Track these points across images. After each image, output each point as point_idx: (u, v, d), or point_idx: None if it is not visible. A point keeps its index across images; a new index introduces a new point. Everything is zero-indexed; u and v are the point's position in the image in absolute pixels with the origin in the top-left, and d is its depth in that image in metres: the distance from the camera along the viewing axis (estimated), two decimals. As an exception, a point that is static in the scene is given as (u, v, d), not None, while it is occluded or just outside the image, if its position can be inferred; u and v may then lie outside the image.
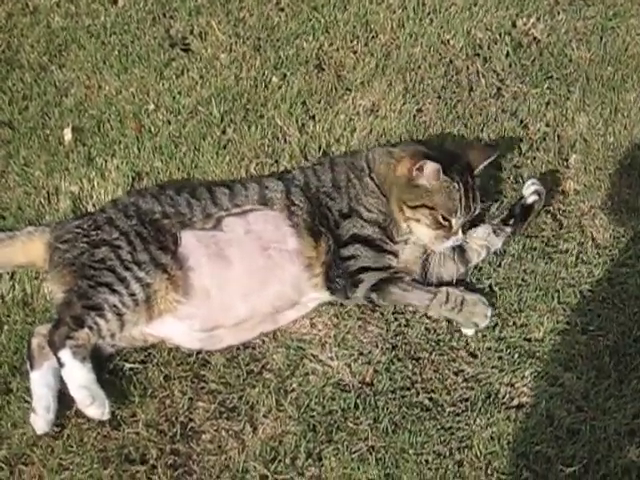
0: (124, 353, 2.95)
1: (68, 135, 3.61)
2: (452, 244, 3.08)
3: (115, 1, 4.17)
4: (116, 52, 3.93)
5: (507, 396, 2.88)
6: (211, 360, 2.96)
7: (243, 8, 4.10)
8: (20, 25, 4.11)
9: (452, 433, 2.79)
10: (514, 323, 3.05)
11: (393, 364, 2.95)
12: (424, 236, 3.09)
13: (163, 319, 2.92)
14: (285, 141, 3.57)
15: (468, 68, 3.84)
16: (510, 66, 3.85)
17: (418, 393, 2.89)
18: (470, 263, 3.17)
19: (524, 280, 3.15)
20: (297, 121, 3.62)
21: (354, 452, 2.75)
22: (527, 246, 3.24)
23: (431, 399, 2.88)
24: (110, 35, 4.01)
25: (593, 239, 3.27)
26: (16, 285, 3.13)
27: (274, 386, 2.89)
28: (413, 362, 2.96)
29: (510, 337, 3.01)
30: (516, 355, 2.96)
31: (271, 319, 3.03)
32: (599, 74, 3.80)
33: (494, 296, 3.10)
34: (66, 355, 2.74)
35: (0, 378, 2.91)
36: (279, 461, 2.74)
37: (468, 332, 3.01)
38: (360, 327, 3.04)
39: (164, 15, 4.10)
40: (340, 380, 2.92)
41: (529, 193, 3.23)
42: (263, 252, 3.00)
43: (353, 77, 3.79)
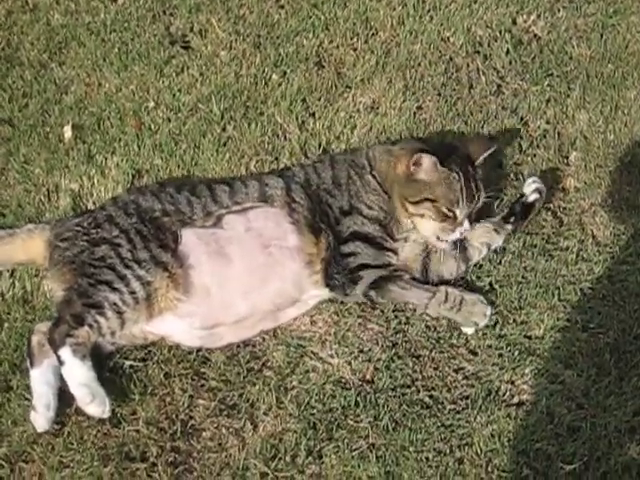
0: (124, 351, 2.95)
1: (68, 133, 3.61)
2: (459, 236, 3.07)
3: (115, -2, 4.18)
4: (116, 49, 3.93)
5: (507, 394, 2.88)
6: (211, 358, 2.96)
7: (243, 5, 4.09)
8: (20, 22, 4.11)
9: (452, 431, 2.79)
10: (514, 320, 3.05)
11: (393, 362, 2.95)
12: (429, 231, 3.08)
13: (163, 317, 2.92)
14: (285, 138, 3.57)
15: (468, 65, 3.84)
16: (510, 63, 3.84)
17: (418, 391, 2.89)
18: (471, 261, 3.16)
19: (524, 277, 3.15)
20: (297, 118, 3.61)
21: (354, 450, 2.75)
22: (527, 243, 3.24)
23: (431, 397, 2.88)
24: (110, 32, 4.00)
25: (593, 236, 3.27)
26: (16, 283, 3.13)
27: (274, 384, 2.89)
28: (413, 360, 2.96)
29: (510, 334, 3.01)
30: (516, 352, 2.96)
31: (271, 317, 3.02)
32: (599, 71, 3.80)
33: (494, 293, 3.10)
34: (66, 353, 2.73)
35: (0, 376, 2.90)
36: (279, 459, 2.73)
37: (468, 330, 3.01)
38: (360, 325, 3.04)
39: (164, 12, 4.10)
40: (340, 378, 2.92)
41: (530, 191, 3.22)
42: (264, 249, 3.00)
43: (353, 74, 3.79)
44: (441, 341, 3.00)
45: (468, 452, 2.75)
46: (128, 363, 2.93)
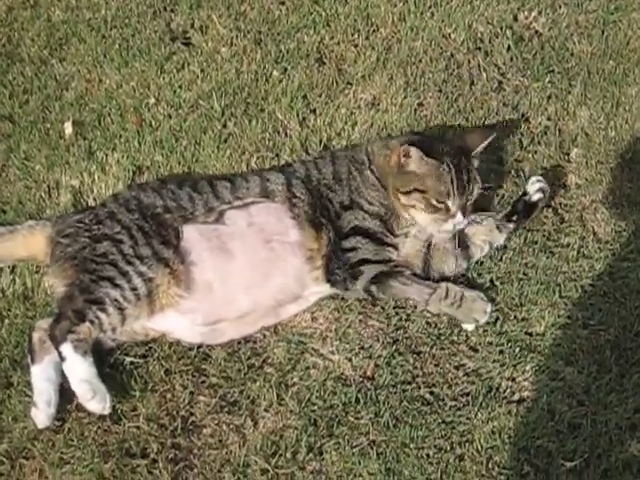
0: (125, 347, 2.95)
1: (69, 129, 3.61)
2: (452, 227, 3.05)
3: (116, -6, 4.18)
4: (117, 46, 3.93)
5: (508, 390, 2.88)
6: (212, 354, 2.96)
7: (244, 2, 4.09)
8: (21, 19, 4.11)
9: (453, 427, 2.79)
10: (515, 317, 3.05)
11: (394, 358, 2.95)
12: (424, 222, 3.08)
13: (165, 313, 2.92)
14: (286, 135, 3.56)
15: (469, 62, 3.83)
16: (511, 60, 3.84)
17: (419, 387, 2.89)
18: (473, 258, 3.16)
19: (525, 274, 3.15)
20: (298, 115, 3.61)
21: (355, 446, 2.75)
22: (528, 240, 3.23)
23: (432, 393, 2.87)
24: (111, 29, 4.01)
25: (594, 233, 3.27)
26: (17, 279, 3.13)
27: (275, 380, 2.89)
28: (414, 356, 2.96)
29: (511, 331, 3.01)
30: (517, 349, 2.96)
31: (273, 313, 3.02)
32: (600, 68, 3.79)
33: (495, 290, 3.10)
34: (67, 349, 2.73)
35: (1, 372, 2.91)
36: (280, 455, 2.74)
37: (468, 327, 3.01)
38: (361, 321, 3.03)
39: (165, 9, 4.10)
40: (341, 374, 2.92)
41: (534, 190, 3.21)
42: (265, 245, 3.01)
43: (354, 71, 3.79)
44: (442, 338, 3.00)
45: (469, 449, 2.74)
46: (129, 359, 2.93)
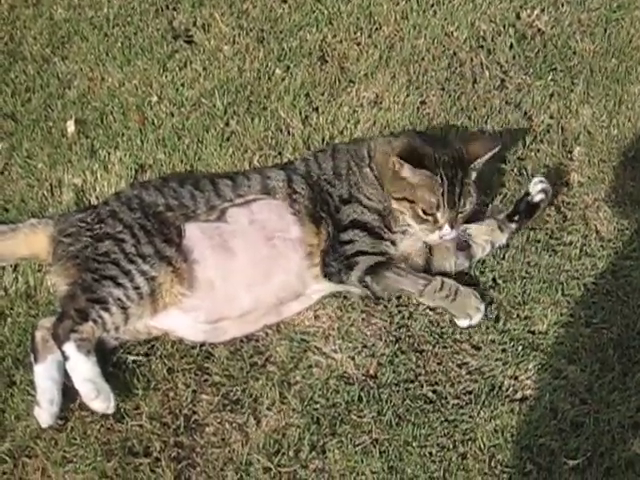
0: (127, 346, 2.95)
1: (71, 127, 3.61)
2: (438, 238, 3.04)
3: (118, -8, 4.18)
4: (119, 44, 3.93)
5: (511, 389, 2.87)
6: (215, 353, 2.96)
7: (246, 0, 4.09)
8: (23, 17, 4.11)
9: (456, 426, 2.79)
10: (518, 316, 3.04)
11: (397, 357, 2.95)
12: (412, 228, 3.07)
13: (168, 312, 2.92)
14: (288, 133, 3.56)
15: (472, 60, 3.83)
16: (514, 58, 3.84)
17: (422, 386, 2.89)
18: (474, 258, 3.16)
19: (528, 272, 3.15)
20: (300, 113, 3.61)
21: (358, 445, 2.75)
22: (531, 238, 3.23)
23: (435, 392, 2.87)
24: (113, 27, 4.01)
25: (597, 232, 3.27)
26: (19, 278, 3.13)
27: (278, 379, 2.89)
28: (417, 355, 2.96)
29: (514, 330, 3.01)
30: (520, 348, 2.96)
31: (275, 311, 3.02)
32: (603, 66, 3.79)
33: (498, 289, 3.10)
34: (70, 348, 2.74)
35: (4, 371, 2.91)
36: (283, 454, 2.74)
37: (462, 323, 2.99)
38: (364, 320, 3.03)
39: (167, 7, 4.10)
40: (344, 373, 2.92)
41: (536, 191, 3.21)
42: (267, 242, 3.01)
43: (357, 69, 3.79)
44: (444, 336, 3.00)
45: (471, 447, 2.74)
46: (131, 358, 2.93)
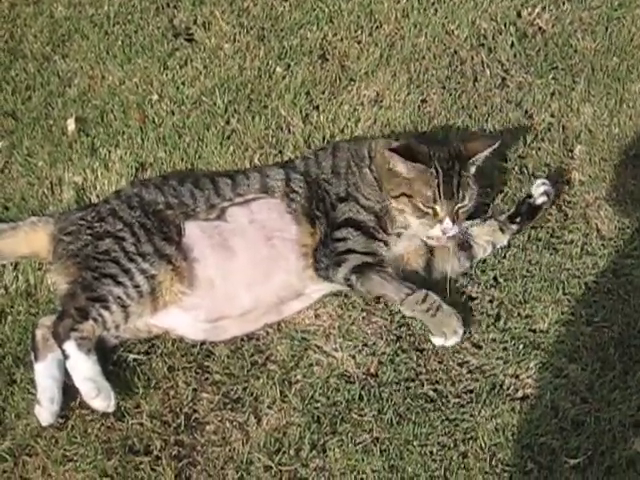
0: (128, 344, 2.95)
1: (71, 125, 3.61)
2: (440, 233, 3.03)
3: (118, -10, 4.17)
4: (119, 42, 3.92)
5: (512, 387, 2.87)
6: (215, 351, 2.95)
7: (247, -2, 4.10)
8: (23, 15, 4.11)
9: (456, 424, 2.79)
10: (519, 314, 3.04)
11: (397, 355, 2.94)
12: (414, 227, 3.06)
13: (168, 310, 2.92)
14: (289, 131, 3.56)
15: (473, 58, 3.83)
16: (515, 56, 3.83)
17: (422, 384, 2.89)
18: (475, 259, 3.15)
19: (529, 271, 3.15)
20: (301, 111, 3.61)
21: (358, 443, 2.75)
22: (532, 237, 3.23)
23: (435, 390, 2.87)
24: (113, 25, 4.00)
25: (598, 230, 3.26)
26: (19, 276, 3.13)
27: (278, 377, 2.89)
28: (417, 353, 2.95)
29: (515, 328, 3.00)
30: (521, 346, 2.95)
31: (275, 310, 3.02)
32: (604, 65, 3.78)
33: (499, 287, 3.10)
34: (71, 347, 2.74)
35: (4, 369, 2.91)
36: (283, 452, 2.73)
37: (436, 341, 2.94)
38: (364, 318, 3.03)
39: (168, 5, 4.09)
40: (344, 371, 2.91)
41: (539, 194, 3.20)
42: (267, 242, 3.01)
43: (357, 67, 3.78)
44: (445, 335, 3.00)
45: (472, 446, 2.74)
46: (132, 356, 2.93)
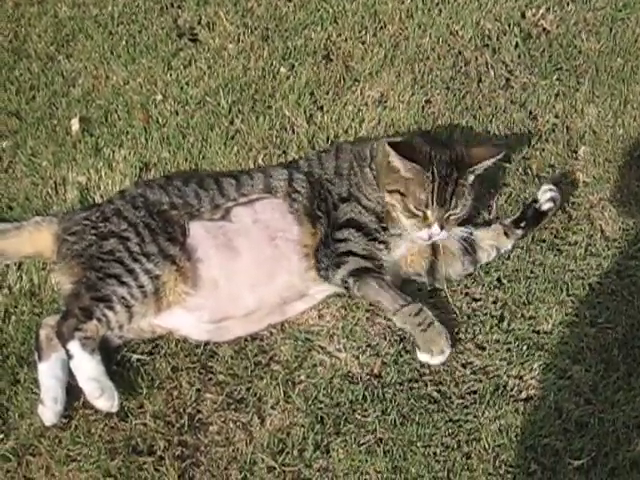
0: (132, 344, 2.95)
1: (75, 125, 3.61)
2: (427, 237, 3.01)
3: (122, -10, 4.18)
4: (124, 42, 3.93)
5: (515, 389, 2.87)
6: (219, 351, 2.95)
7: (251, -2, 4.10)
8: (27, 15, 4.11)
9: (460, 425, 2.79)
10: (522, 315, 3.04)
11: (401, 356, 2.94)
12: (403, 223, 3.04)
13: (172, 310, 2.92)
14: (293, 132, 3.56)
15: (477, 59, 3.82)
16: (519, 57, 3.83)
17: (426, 385, 2.88)
18: (479, 263, 3.15)
19: (533, 272, 3.14)
20: (305, 112, 3.61)
21: (362, 444, 2.75)
22: (536, 238, 3.22)
23: (439, 391, 2.87)
24: (117, 25, 4.01)
25: (602, 231, 3.26)
26: (23, 276, 3.13)
27: (282, 378, 2.89)
28: (421, 354, 2.96)
29: (518, 329, 3.00)
30: (524, 347, 2.95)
31: (279, 310, 3.02)
32: (609, 65, 3.78)
33: (503, 288, 3.10)
34: (75, 347, 2.74)
35: (8, 369, 2.91)
36: (287, 453, 2.73)
37: (421, 357, 2.92)
38: (368, 319, 3.03)
39: (172, 5, 4.10)
40: (348, 372, 2.91)
41: (545, 200, 3.20)
42: (270, 242, 3.01)
43: (361, 68, 3.78)
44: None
45: (476, 447, 2.74)
46: (135, 357, 2.93)
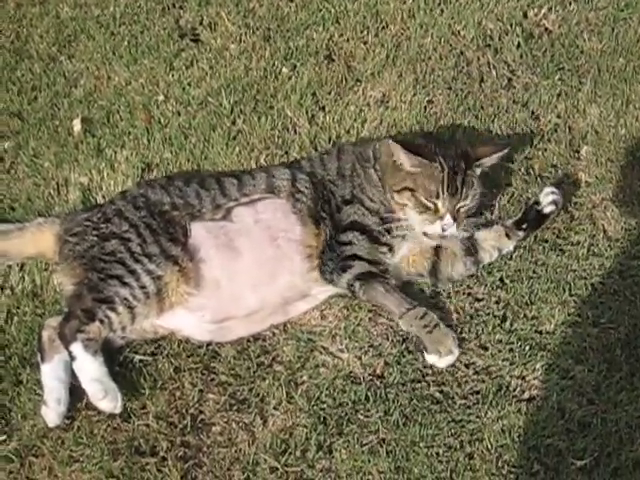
0: (134, 345, 2.95)
1: (77, 126, 3.61)
2: (440, 230, 3.01)
3: (124, -9, 4.18)
4: (125, 43, 3.93)
5: (518, 389, 2.87)
6: (221, 352, 2.95)
7: (253, -2, 4.10)
8: (29, 15, 4.12)
9: (463, 426, 2.79)
10: (525, 315, 3.04)
11: (404, 356, 2.94)
12: (414, 224, 3.05)
13: (174, 311, 2.93)
14: (295, 132, 3.56)
15: (479, 59, 3.82)
16: (521, 57, 3.83)
17: (429, 385, 2.88)
18: (481, 264, 3.14)
19: (535, 272, 3.14)
20: (307, 112, 3.61)
21: (365, 445, 2.75)
22: (538, 238, 3.22)
23: (442, 392, 2.87)
24: (119, 25, 4.01)
25: (604, 231, 3.26)
26: (26, 277, 3.13)
27: (284, 378, 2.89)
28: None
29: (521, 329, 3.00)
30: (527, 348, 2.95)
31: (281, 311, 3.02)
32: (611, 65, 3.78)
33: (505, 288, 3.09)
34: (77, 348, 2.74)
35: (11, 370, 2.91)
36: (289, 453, 2.73)
37: (429, 358, 2.92)
38: (370, 319, 3.03)
39: (174, 5, 4.10)
40: (351, 372, 2.91)
41: (547, 202, 3.18)
42: (272, 242, 3.01)
43: (363, 68, 3.78)
44: (451, 336, 3.00)
45: (478, 447, 2.74)
46: (138, 357, 2.93)
